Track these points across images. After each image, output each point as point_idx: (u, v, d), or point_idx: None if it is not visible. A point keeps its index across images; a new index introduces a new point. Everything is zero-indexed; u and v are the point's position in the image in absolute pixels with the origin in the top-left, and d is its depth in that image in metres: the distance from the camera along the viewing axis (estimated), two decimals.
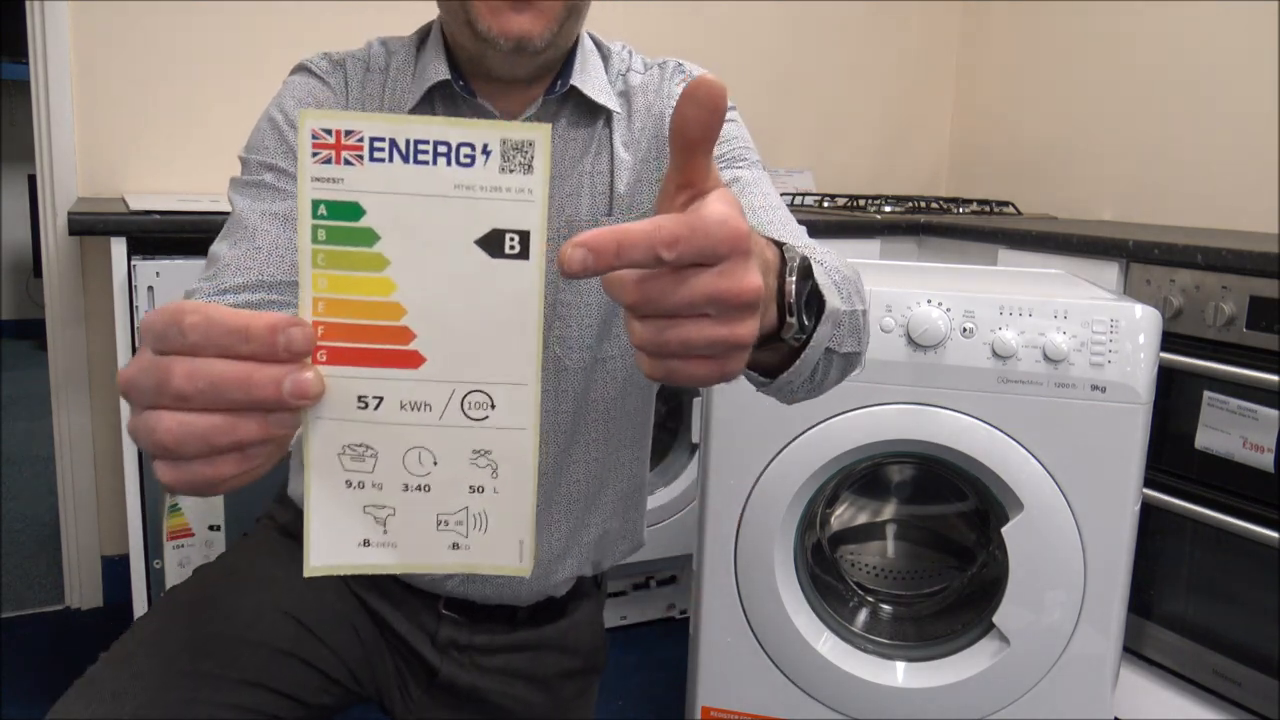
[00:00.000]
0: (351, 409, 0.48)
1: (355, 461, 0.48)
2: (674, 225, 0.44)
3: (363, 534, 0.50)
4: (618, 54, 0.97)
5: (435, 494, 0.49)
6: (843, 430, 1.36)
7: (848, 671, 1.41)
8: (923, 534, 1.67)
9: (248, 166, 0.90)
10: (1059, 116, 2.79)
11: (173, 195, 2.02)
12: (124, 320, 1.71)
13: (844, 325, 0.72)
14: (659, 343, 0.47)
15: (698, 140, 0.48)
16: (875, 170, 3.04)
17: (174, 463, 0.46)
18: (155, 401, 0.45)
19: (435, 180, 0.46)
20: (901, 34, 3.00)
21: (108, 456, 2.18)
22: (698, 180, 0.49)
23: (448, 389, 0.48)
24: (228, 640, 0.89)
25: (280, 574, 0.97)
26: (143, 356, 0.46)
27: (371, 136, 0.45)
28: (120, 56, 2.10)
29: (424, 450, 0.49)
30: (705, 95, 0.47)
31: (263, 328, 0.44)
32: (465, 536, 0.50)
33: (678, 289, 0.45)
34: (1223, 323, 1.66)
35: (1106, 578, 1.33)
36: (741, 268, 0.46)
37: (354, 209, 0.46)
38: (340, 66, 0.93)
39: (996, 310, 1.33)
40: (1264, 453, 1.60)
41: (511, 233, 0.46)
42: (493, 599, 0.99)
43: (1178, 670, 1.76)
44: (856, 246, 2.28)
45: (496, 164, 0.46)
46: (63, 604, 2.25)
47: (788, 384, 0.68)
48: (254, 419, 0.45)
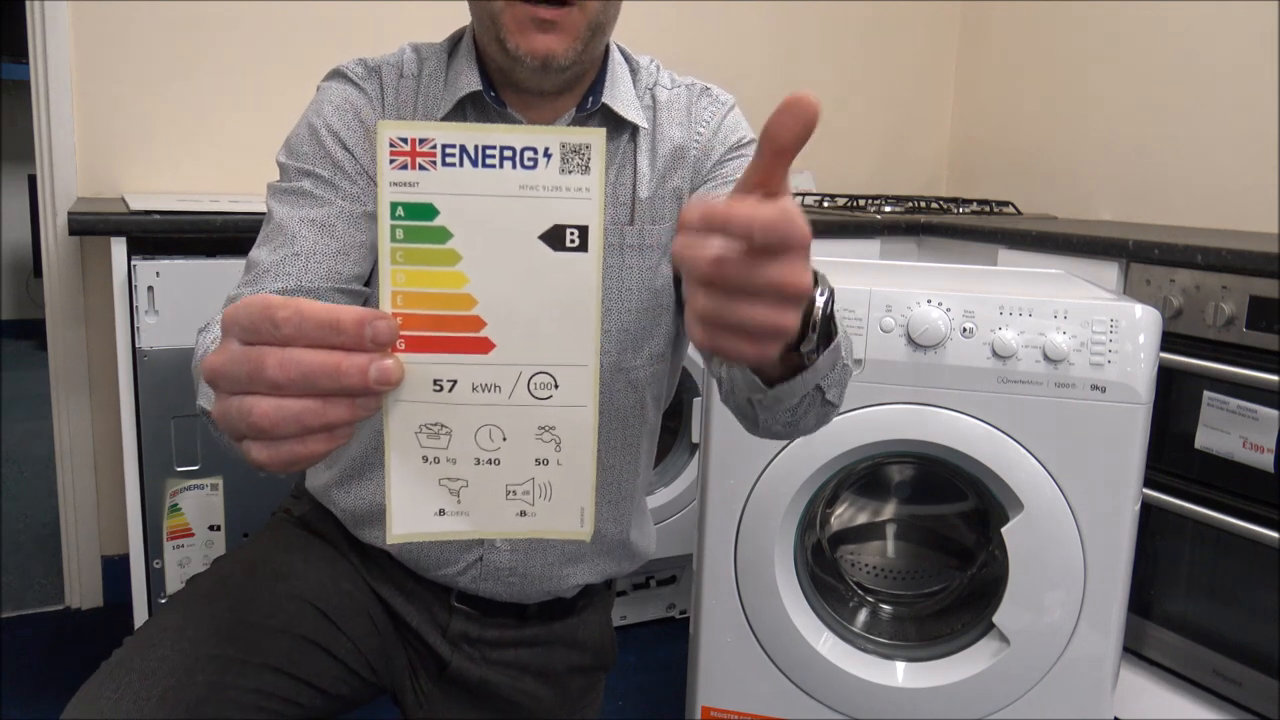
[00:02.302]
0: (428, 391, 0.52)
1: (431, 439, 0.53)
2: (768, 213, 0.49)
3: (439, 504, 0.55)
4: (645, 68, 1.00)
5: (504, 467, 0.54)
6: (843, 430, 1.36)
7: (848, 671, 1.41)
8: (923, 534, 1.67)
9: (286, 173, 0.92)
10: (1059, 116, 2.79)
11: (173, 195, 2.02)
12: (124, 320, 1.71)
13: (837, 369, 0.77)
14: (719, 316, 0.52)
15: (787, 147, 0.53)
16: (875, 170, 3.04)
17: (268, 443, 0.50)
18: (248, 388, 0.49)
19: (501, 182, 0.50)
20: (901, 34, 3.00)
21: (108, 456, 2.18)
22: (773, 183, 0.54)
23: (515, 371, 0.53)
24: (251, 626, 0.90)
25: (300, 565, 0.98)
26: (229, 347, 0.50)
27: (444, 143, 0.50)
28: (120, 56, 2.10)
29: (494, 427, 0.53)
30: (802, 109, 0.52)
31: (351, 321, 0.49)
32: (532, 505, 0.55)
33: (750, 271, 0.50)
34: (1223, 323, 1.66)
35: (1106, 578, 1.33)
36: (802, 264, 0.51)
37: (429, 209, 0.50)
38: (375, 73, 0.96)
39: (996, 310, 1.33)
40: (1264, 453, 1.60)
41: (571, 228, 0.51)
42: (502, 596, 1.01)
43: (1178, 670, 1.76)
44: (856, 246, 2.28)
45: (557, 166, 0.50)
46: (63, 604, 2.25)
47: (778, 401, 0.74)
48: (342, 403, 0.50)
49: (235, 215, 1.75)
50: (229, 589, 0.94)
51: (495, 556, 0.99)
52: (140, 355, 1.71)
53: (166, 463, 1.74)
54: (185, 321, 1.71)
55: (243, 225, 1.74)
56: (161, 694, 0.81)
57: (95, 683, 0.83)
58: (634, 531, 1.07)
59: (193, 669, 0.84)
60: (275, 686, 0.88)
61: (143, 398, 1.72)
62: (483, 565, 1.00)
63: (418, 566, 1.01)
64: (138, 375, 1.72)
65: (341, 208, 0.90)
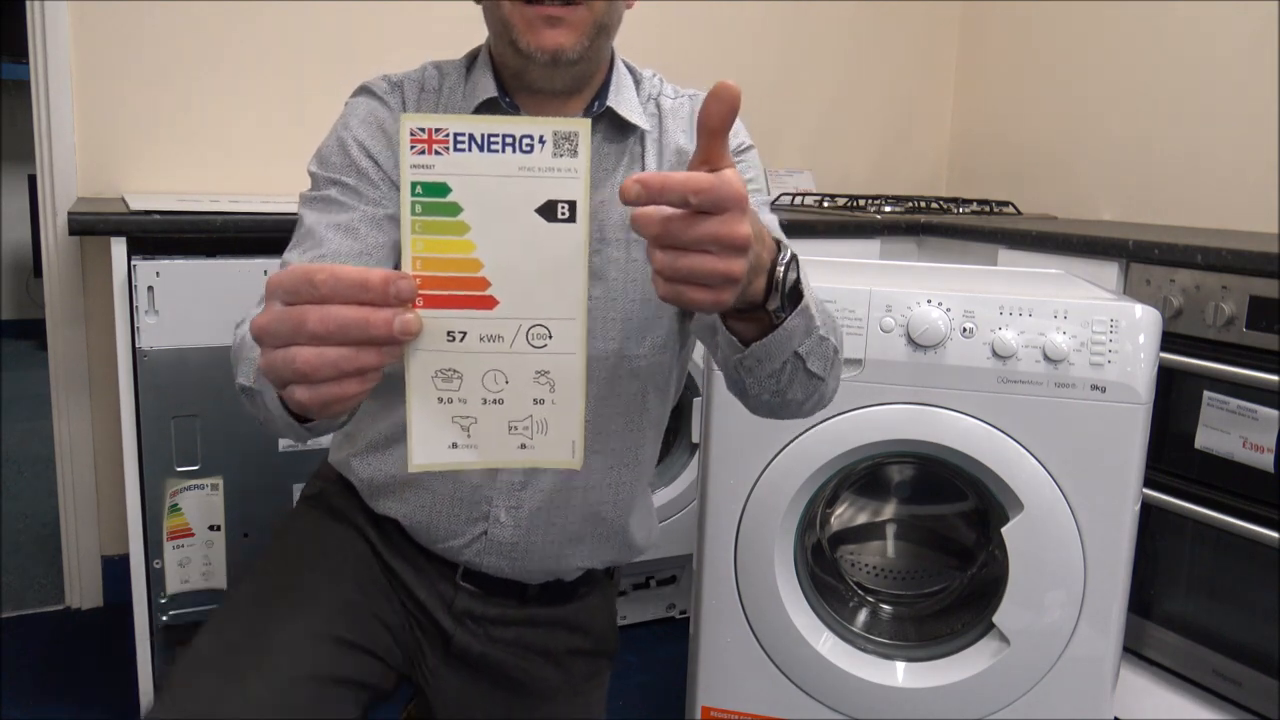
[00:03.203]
0: (442, 341, 0.61)
1: (445, 383, 0.62)
2: (701, 179, 0.60)
3: (451, 438, 0.63)
4: (648, 79, 1.07)
5: (507, 405, 0.63)
6: (843, 430, 1.36)
7: (848, 671, 1.41)
8: (923, 534, 1.67)
9: (316, 182, 0.99)
10: (1059, 116, 2.79)
11: (173, 195, 2.02)
12: (124, 320, 1.71)
13: (813, 337, 0.84)
14: (673, 268, 0.63)
15: (718, 128, 0.65)
16: (875, 170, 3.04)
17: (310, 386, 0.59)
18: (291, 340, 0.59)
19: (503, 164, 0.59)
20: (901, 34, 3.00)
21: (108, 456, 2.18)
22: (715, 159, 0.65)
23: (516, 324, 0.62)
24: (295, 634, 0.96)
25: (324, 582, 1.04)
26: (272, 308, 0.60)
27: (455, 132, 0.59)
28: (120, 56, 2.10)
29: (498, 372, 0.63)
30: (725, 94, 0.64)
31: (378, 281, 0.58)
32: (531, 438, 0.64)
33: (692, 228, 0.62)
34: (1223, 323, 1.66)
35: (1106, 578, 1.33)
36: (739, 220, 0.62)
37: (442, 188, 0.59)
38: (398, 88, 1.03)
39: (996, 310, 1.33)
40: (1264, 453, 1.60)
41: (562, 203, 0.60)
42: (506, 573, 1.06)
43: (1178, 670, 1.76)
44: (856, 246, 2.28)
45: (550, 150, 0.59)
46: (63, 604, 2.25)
47: (759, 363, 0.82)
48: (371, 350, 0.59)
49: (235, 215, 1.75)
50: (270, 599, 1.00)
51: (499, 531, 1.04)
52: (140, 355, 1.71)
53: (166, 463, 1.74)
54: (185, 321, 1.71)
55: (243, 225, 1.73)
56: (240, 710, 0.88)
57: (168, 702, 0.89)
58: (634, 521, 1.11)
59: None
60: (323, 692, 0.95)
61: (143, 398, 1.72)
62: (487, 539, 1.04)
63: (427, 538, 1.06)
64: (138, 375, 1.72)
65: (365, 212, 0.97)
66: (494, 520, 1.03)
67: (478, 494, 1.03)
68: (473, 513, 1.03)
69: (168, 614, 1.78)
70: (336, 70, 2.22)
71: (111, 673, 1.96)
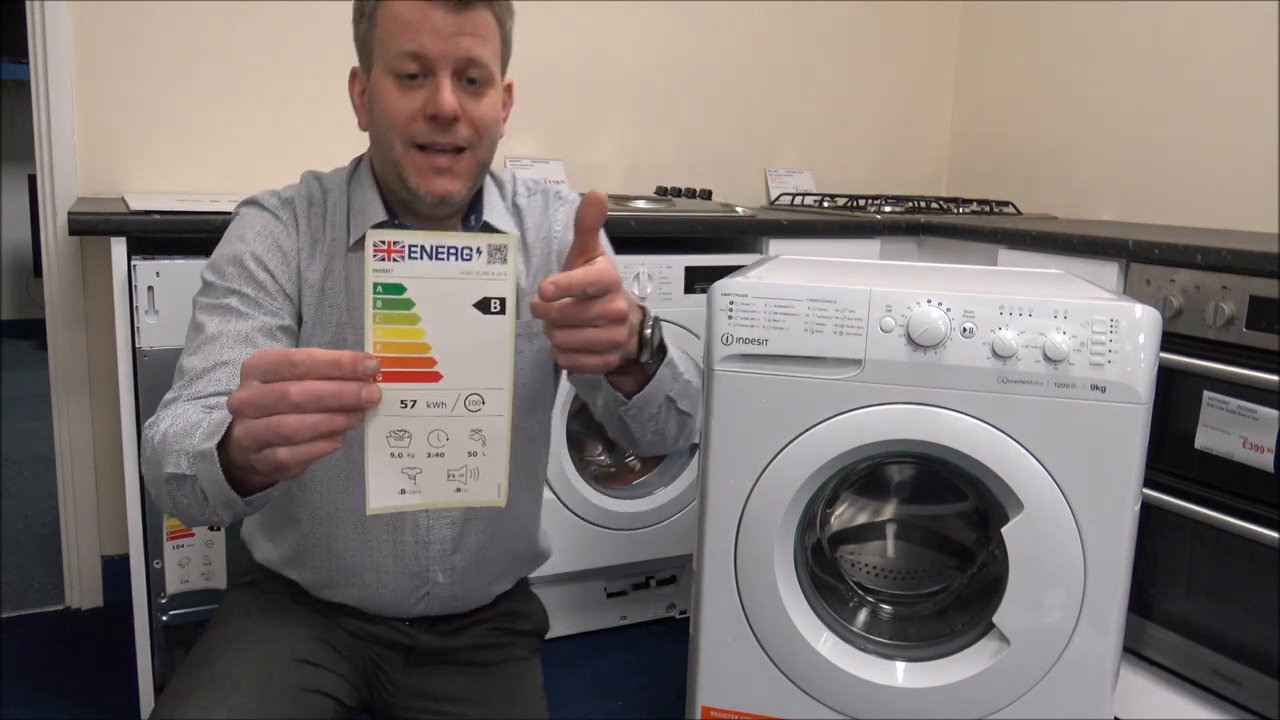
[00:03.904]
0: (396, 408, 0.76)
1: (397, 440, 0.77)
2: (590, 273, 0.85)
3: (401, 485, 0.78)
4: (508, 182, 1.24)
5: (447, 458, 0.78)
6: (843, 430, 1.36)
7: (848, 671, 1.41)
8: (923, 534, 1.67)
9: (213, 290, 1.09)
10: (1059, 116, 2.79)
11: (173, 195, 2.02)
12: (124, 320, 1.71)
13: (679, 382, 1.07)
14: (571, 343, 0.86)
15: (592, 227, 0.90)
16: (875, 170, 3.04)
17: (291, 447, 0.72)
18: (274, 410, 0.71)
19: (448, 269, 0.75)
20: (901, 34, 3.00)
21: (108, 456, 2.18)
22: (590, 250, 0.89)
23: (456, 393, 0.77)
24: (254, 680, 1.06)
25: (276, 621, 1.17)
26: (249, 386, 0.73)
27: (410, 244, 0.74)
28: (120, 56, 2.10)
29: (441, 431, 0.78)
30: (598, 200, 0.89)
31: (348, 361, 0.72)
32: (465, 484, 0.79)
33: (585, 310, 0.85)
34: (1223, 323, 1.66)
35: (1106, 578, 1.33)
36: (619, 298, 0.87)
37: (399, 288, 0.75)
38: (289, 204, 1.14)
39: (996, 310, 1.33)
40: (1264, 453, 1.60)
41: (495, 299, 0.77)
42: (449, 610, 1.22)
43: (1178, 670, 1.76)
44: (856, 246, 2.28)
45: (485, 258, 0.76)
46: (63, 604, 2.25)
47: (640, 410, 1.04)
48: (341, 416, 0.73)
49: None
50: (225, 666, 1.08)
51: (439, 590, 1.19)
52: (140, 355, 1.71)
53: None
54: (185, 321, 1.70)
55: None
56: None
57: None
58: (534, 544, 1.33)
59: None
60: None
61: (143, 398, 1.72)
62: (429, 598, 1.19)
63: (375, 609, 1.20)
64: (138, 375, 1.72)
65: (262, 322, 1.07)
66: (433, 582, 1.18)
67: (417, 564, 1.17)
68: (414, 581, 1.18)
69: (168, 614, 1.79)
70: (336, 70, 2.21)
71: (111, 673, 1.96)
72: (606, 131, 2.65)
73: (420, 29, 1.00)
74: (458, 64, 1.02)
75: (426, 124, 1.03)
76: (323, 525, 1.16)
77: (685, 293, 2.05)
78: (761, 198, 2.84)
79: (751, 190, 2.84)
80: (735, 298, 1.38)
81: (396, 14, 1.01)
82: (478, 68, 1.03)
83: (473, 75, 1.04)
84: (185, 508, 0.89)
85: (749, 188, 2.83)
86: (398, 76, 1.03)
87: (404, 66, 1.02)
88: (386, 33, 1.03)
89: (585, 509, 2.03)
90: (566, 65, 2.56)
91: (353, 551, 1.16)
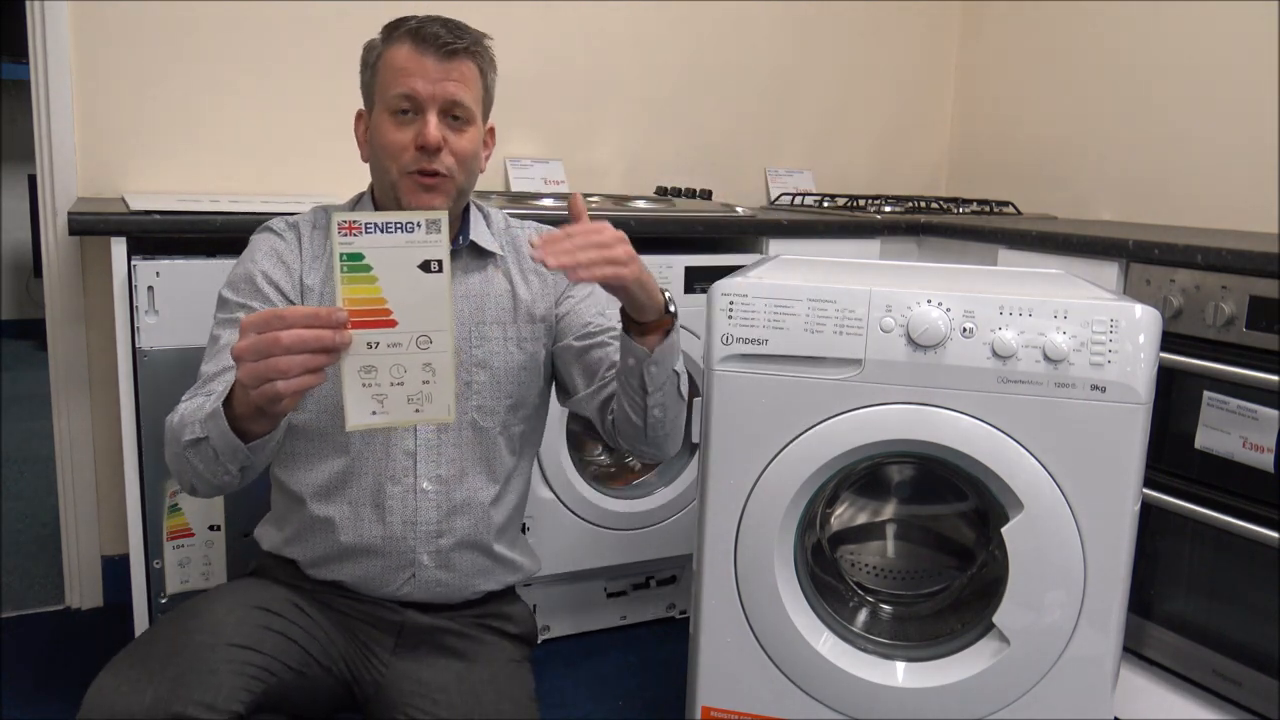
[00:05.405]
0: (364, 348, 0.97)
1: (366, 374, 0.98)
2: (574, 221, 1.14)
3: (372, 409, 0.98)
4: (495, 217, 1.42)
5: (406, 386, 0.99)
6: (843, 430, 1.37)
7: (848, 671, 1.41)
8: (923, 534, 1.67)
9: (227, 305, 1.28)
10: (1059, 116, 2.79)
11: (173, 195, 2.02)
12: (124, 320, 1.71)
13: (680, 359, 1.27)
14: (588, 258, 1.09)
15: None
16: (875, 170, 3.04)
17: (285, 380, 0.93)
18: (270, 353, 0.92)
19: (396, 240, 0.96)
20: (901, 34, 3.00)
21: (108, 456, 2.18)
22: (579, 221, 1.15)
23: (409, 335, 0.98)
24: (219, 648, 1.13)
25: (258, 589, 1.27)
26: (248, 337, 0.94)
27: (365, 222, 0.95)
28: (120, 56, 2.10)
29: (400, 365, 0.98)
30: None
31: (325, 313, 0.94)
32: (421, 405, 1.00)
33: (599, 232, 1.13)
34: (1223, 323, 1.66)
35: (1106, 578, 1.33)
36: (605, 228, 1.13)
37: (359, 255, 0.96)
38: (294, 227, 1.34)
39: (996, 310, 1.33)
40: (1264, 453, 1.60)
41: (433, 260, 0.97)
42: (437, 600, 1.33)
43: (1178, 670, 1.76)
44: (856, 246, 2.28)
45: (424, 230, 0.97)
46: (63, 604, 2.25)
47: (656, 365, 1.22)
48: (322, 355, 0.94)
49: (235, 215, 1.75)
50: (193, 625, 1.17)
51: (425, 574, 1.31)
52: (140, 355, 1.71)
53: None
54: (185, 321, 1.71)
55: (243, 225, 1.72)
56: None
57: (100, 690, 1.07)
58: (517, 553, 1.41)
59: None
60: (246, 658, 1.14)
61: (143, 398, 1.72)
62: (415, 581, 1.31)
63: (365, 588, 1.31)
64: (138, 375, 1.72)
65: None
66: (419, 564, 1.30)
67: (404, 545, 1.29)
68: (401, 561, 1.30)
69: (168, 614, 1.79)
70: (336, 70, 2.22)
71: None
72: (606, 131, 2.65)
73: (413, 74, 1.22)
74: (444, 104, 1.23)
75: (416, 153, 1.23)
76: (321, 504, 1.29)
77: (685, 293, 2.05)
78: (761, 198, 2.84)
79: (751, 190, 2.83)
80: (735, 298, 1.38)
81: (394, 62, 1.24)
82: (461, 108, 1.24)
83: (456, 114, 1.25)
84: (201, 472, 1.09)
85: (749, 188, 2.83)
86: (394, 113, 1.24)
87: (399, 105, 1.23)
88: (385, 78, 1.24)
89: (585, 509, 2.03)
90: (566, 65, 2.56)
91: (346, 529, 1.29)
